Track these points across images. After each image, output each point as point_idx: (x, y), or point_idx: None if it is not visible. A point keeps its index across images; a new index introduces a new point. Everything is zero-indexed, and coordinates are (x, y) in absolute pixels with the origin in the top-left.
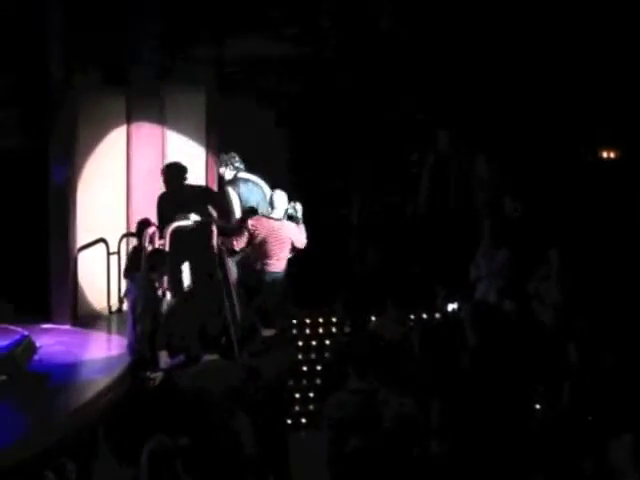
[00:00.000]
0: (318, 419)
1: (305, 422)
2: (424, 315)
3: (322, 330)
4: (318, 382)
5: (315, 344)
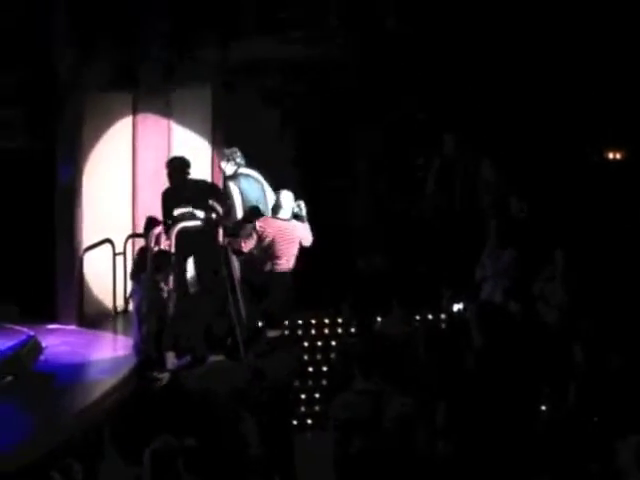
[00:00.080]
0: (324, 420)
1: (311, 423)
2: (429, 316)
3: (328, 331)
4: (324, 383)
5: (321, 345)
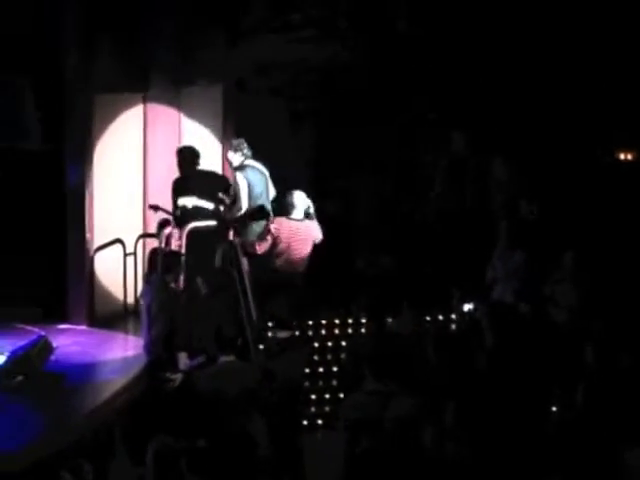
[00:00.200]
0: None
1: (321, 423)
2: (440, 316)
3: (338, 331)
4: (334, 383)
5: (331, 345)
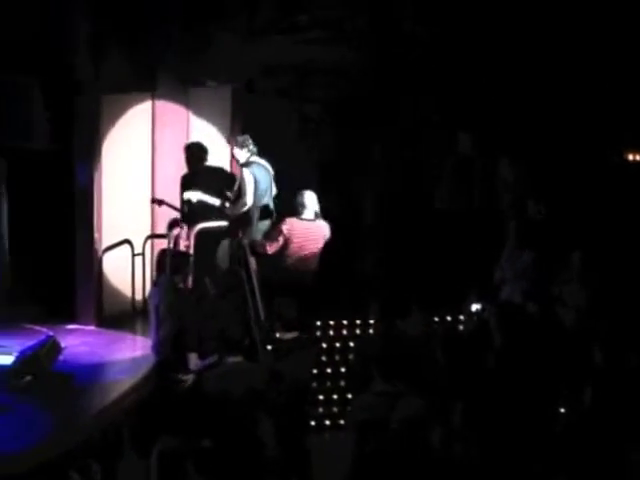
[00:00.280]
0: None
1: (329, 424)
2: (448, 317)
3: (346, 332)
4: (342, 384)
5: (339, 346)
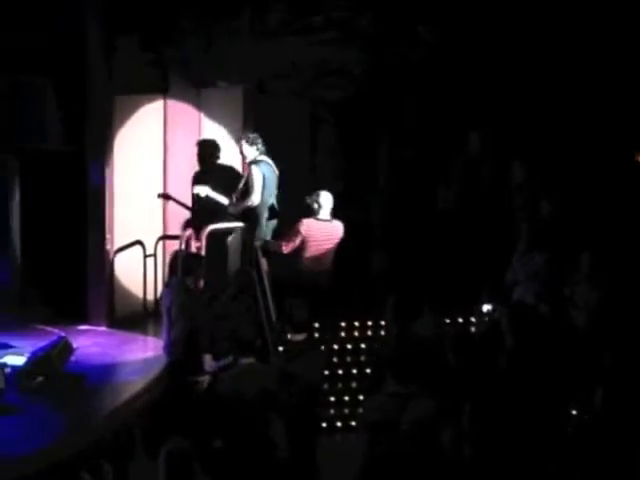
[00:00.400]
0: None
1: (340, 425)
2: (459, 319)
3: (358, 333)
4: (353, 385)
5: (350, 347)
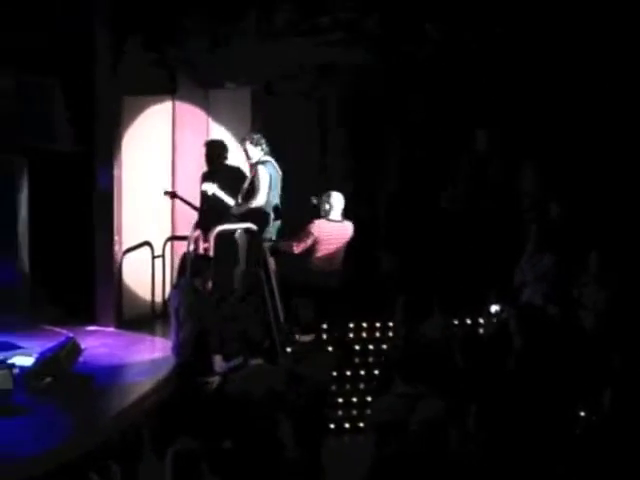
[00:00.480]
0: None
1: (348, 427)
2: (467, 320)
3: (366, 334)
4: (361, 387)
5: (359, 348)
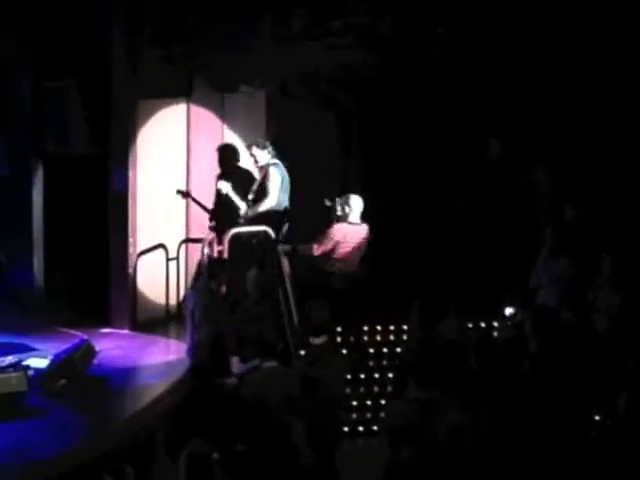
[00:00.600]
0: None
1: (362, 430)
2: (482, 324)
3: (380, 337)
4: (375, 390)
5: (373, 351)
